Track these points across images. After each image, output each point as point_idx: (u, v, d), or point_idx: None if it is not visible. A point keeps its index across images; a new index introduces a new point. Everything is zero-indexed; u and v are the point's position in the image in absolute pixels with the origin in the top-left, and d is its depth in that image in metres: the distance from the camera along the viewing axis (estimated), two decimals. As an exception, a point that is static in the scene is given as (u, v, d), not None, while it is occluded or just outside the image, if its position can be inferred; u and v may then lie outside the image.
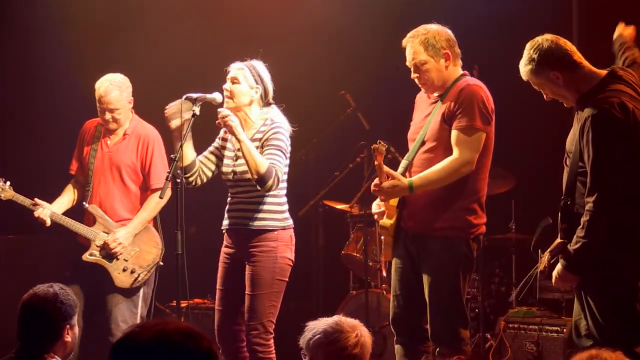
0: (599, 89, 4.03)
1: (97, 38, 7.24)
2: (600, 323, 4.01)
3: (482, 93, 4.58)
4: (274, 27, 7.32)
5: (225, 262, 4.98)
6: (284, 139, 4.85)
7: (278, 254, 4.85)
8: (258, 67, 4.94)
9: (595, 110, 3.93)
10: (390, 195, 4.65)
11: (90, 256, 5.51)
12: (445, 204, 4.57)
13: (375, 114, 7.12)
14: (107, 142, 5.62)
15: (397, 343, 4.80)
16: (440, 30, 4.65)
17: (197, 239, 6.77)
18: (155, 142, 5.62)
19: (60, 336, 3.63)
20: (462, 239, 4.58)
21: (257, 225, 4.85)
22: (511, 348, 6.20)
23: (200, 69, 6.81)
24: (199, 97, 4.82)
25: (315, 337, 3.24)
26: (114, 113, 5.51)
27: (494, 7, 6.90)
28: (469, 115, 4.51)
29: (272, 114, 4.94)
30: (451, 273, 4.58)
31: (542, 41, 4.12)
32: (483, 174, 4.65)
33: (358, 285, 6.99)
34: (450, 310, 4.59)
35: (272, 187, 4.73)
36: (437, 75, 4.62)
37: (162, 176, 5.45)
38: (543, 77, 4.13)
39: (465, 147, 4.50)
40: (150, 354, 2.01)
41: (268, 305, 4.84)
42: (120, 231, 5.50)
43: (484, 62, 6.06)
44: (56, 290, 3.68)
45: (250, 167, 4.70)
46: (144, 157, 5.58)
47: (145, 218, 5.56)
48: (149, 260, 5.56)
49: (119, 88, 5.49)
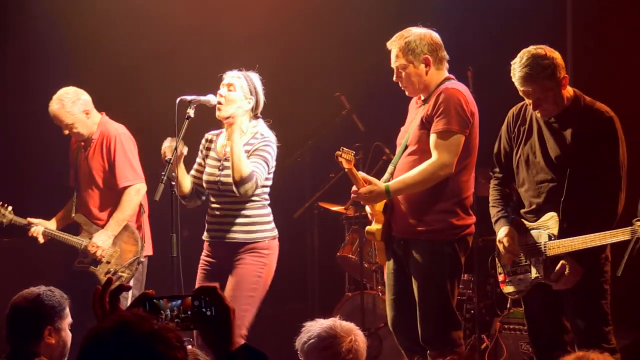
0: (581, 100, 4.34)
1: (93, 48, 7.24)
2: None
3: (460, 97, 4.58)
4: (269, 27, 7.31)
5: (205, 269, 4.99)
6: (272, 152, 4.92)
7: (266, 262, 4.91)
8: (254, 79, 4.98)
9: (609, 114, 4.26)
10: (368, 200, 4.69)
11: (78, 264, 5.66)
12: (427, 208, 4.61)
13: (370, 115, 7.12)
14: (83, 152, 5.74)
15: (400, 346, 4.84)
16: (424, 34, 4.64)
17: (190, 241, 6.76)
18: (117, 140, 5.65)
19: (41, 338, 3.56)
20: (445, 241, 4.61)
21: (246, 238, 4.90)
22: (507, 349, 6.19)
23: (194, 71, 6.81)
24: (193, 99, 4.85)
25: (310, 341, 3.26)
26: (70, 127, 5.62)
27: (489, 8, 6.91)
28: (446, 119, 4.53)
29: (261, 127, 4.98)
30: (437, 276, 4.61)
31: (547, 50, 4.29)
32: (466, 176, 4.66)
33: (354, 287, 6.98)
34: (438, 312, 4.62)
35: (248, 192, 4.78)
36: (417, 80, 4.64)
37: (129, 174, 5.59)
38: (555, 82, 4.25)
39: (443, 150, 4.52)
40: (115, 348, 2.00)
41: (244, 307, 4.83)
42: (97, 235, 5.61)
43: (479, 64, 6.07)
44: (40, 291, 3.63)
45: (234, 166, 4.74)
46: (109, 157, 5.65)
47: (121, 218, 5.62)
48: (129, 258, 5.64)
49: (62, 104, 5.56)
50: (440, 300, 4.61)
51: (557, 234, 4.30)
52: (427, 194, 4.58)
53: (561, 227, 4.30)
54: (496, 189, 4.66)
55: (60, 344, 3.64)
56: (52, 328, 3.61)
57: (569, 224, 4.29)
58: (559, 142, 4.32)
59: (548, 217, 4.36)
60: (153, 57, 7.22)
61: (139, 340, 1.99)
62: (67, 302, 3.72)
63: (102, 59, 7.18)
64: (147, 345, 1.98)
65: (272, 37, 7.16)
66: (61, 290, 3.82)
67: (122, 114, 5.96)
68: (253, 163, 4.82)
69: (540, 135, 4.39)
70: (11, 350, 3.59)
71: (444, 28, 4.77)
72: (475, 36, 6.87)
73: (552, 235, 4.32)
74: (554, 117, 4.35)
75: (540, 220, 4.40)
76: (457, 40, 4.76)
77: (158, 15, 7.27)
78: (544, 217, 4.38)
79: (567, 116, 4.33)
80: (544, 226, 4.37)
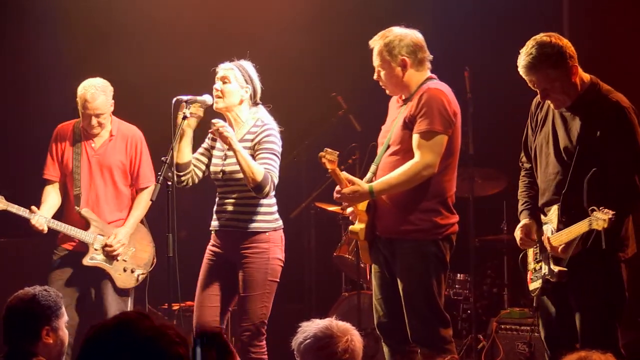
0: (597, 89, 4.17)
1: (86, 43, 7.22)
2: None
3: (442, 97, 4.60)
4: (264, 27, 7.31)
5: (210, 259, 4.98)
6: (276, 140, 4.89)
7: (270, 255, 4.88)
8: (247, 67, 4.98)
9: (625, 103, 4.10)
10: (352, 200, 4.71)
11: (90, 260, 5.51)
12: (411, 207, 4.62)
13: (366, 115, 7.11)
14: (92, 145, 5.62)
15: (385, 345, 4.87)
16: (404, 35, 4.66)
17: (188, 242, 6.75)
18: (143, 142, 5.68)
19: (39, 338, 3.57)
20: (430, 240, 4.63)
21: (249, 227, 4.87)
22: (503, 349, 6.20)
23: (187, 70, 6.80)
24: (189, 99, 4.85)
25: (306, 341, 3.26)
26: (100, 118, 5.52)
27: (485, 7, 6.91)
28: (429, 119, 4.54)
29: (262, 114, 4.97)
30: (422, 275, 4.62)
31: (554, 37, 4.15)
32: (449, 175, 4.68)
33: (350, 286, 6.99)
34: (425, 311, 4.63)
35: (268, 194, 4.80)
36: (395, 81, 4.68)
37: (150, 175, 5.58)
38: (560, 71, 4.12)
39: (426, 150, 4.54)
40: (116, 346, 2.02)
41: (260, 306, 4.87)
42: (120, 232, 5.53)
43: (476, 64, 6.07)
44: (36, 291, 3.63)
45: (246, 175, 4.73)
46: (133, 157, 5.62)
47: (139, 217, 5.63)
48: (146, 259, 5.64)
49: (104, 93, 5.50)
50: (428, 299, 4.63)
51: (556, 229, 4.22)
52: (411, 193, 4.60)
53: (559, 221, 4.20)
54: (523, 180, 4.55)
55: (58, 343, 3.66)
56: (49, 328, 3.62)
57: (568, 218, 4.18)
58: (568, 133, 4.20)
59: (552, 211, 4.26)
60: (151, 57, 7.21)
61: (140, 337, 2.01)
62: (63, 301, 3.73)
63: (101, 58, 7.18)
64: (148, 342, 2.01)
65: (269, 36, 7.16)
66: (64, 289, 3.82)
67: (117, 113, 5.93)
68: (264, 161, 4.80)
69: (553, 126, 4.27)
70: (9, 350, 3.59)
71: (442, 28, 4.77)
72: (473, 36, 6.86)
73: (553, 230, 4.23)
74: (568, 108, 4.21)
75: (548, 214, 4.31)
76: (453, 39, 4.75)
77: (156, 15, 7.27)
78: (550, 210, 4.29)
79: (580, 106, 4.17)
80: (550, 220, 4.28)
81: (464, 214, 6.30)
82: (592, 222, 3.92)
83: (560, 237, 4.18)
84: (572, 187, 4.17)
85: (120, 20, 7.30)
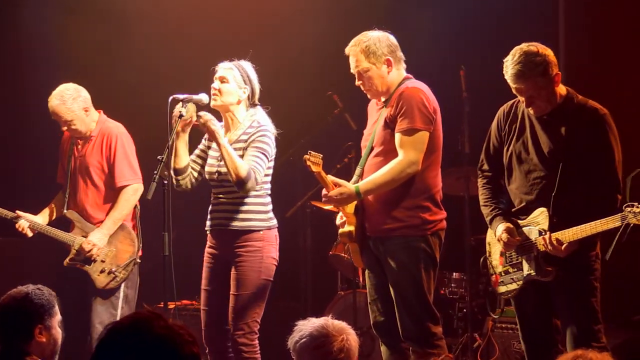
0: (574, 97, 4.36)
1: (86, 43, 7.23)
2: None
3: (421, 95, 4.66)
4: (260, 26, 7.31)
5: (209, 262, 5.00)
6: (269, 142, 4.90)
7: (264, 254, 4.89)
8: (247, 68, 4.98)
9: (603, 111, 4.29)
10: (339, 202, 4.72)
11: (70, 261, 5.59)
12: (398, 205, 4.66)
13: (362, 114, 7.08)
14: (78, 148, 5.69)
15: (382, 344, 4.89)
16: (381, 37, 4.74)
17: (184, 240, 6.75)
18: (118, 139, 5.63)
19: (32, 336, 3.56)
20: (419, 236, 4.66)
21: (242, 226, 4.88)
22: (499, 348, 6.21)
23: (184, 69, 6.80)
24: (185, 98, 4.84)
25: (302, 340, 3.26)
26: (69, 124, 5.57)
27: (481, 7, 6.91)
28: (409, 118, 4.60)
29: (259, 116, 4.97)
30: (412, 271, 4.65)
31: (540, 47, 4.28)
32: (433, 171, 4.73)
33: (346, 285, 7.00)
34: (416, 307, 4.66)
35: (250, 190, 4.79)
36: (381, 82, 4.72)
37: (127, 173, 5.56)
38: (547, 79, 4.25)
39: (409, 148, 4.59)
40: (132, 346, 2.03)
41: (253, 305, 4.88)
42: (93, 234, 5.55)
43: (472, 62, 6.08)
44: (29, 290, 3.62)
45: (229, 170, 4.74)
46: (108, 155, 5.62)
47: (117, 217, 5.58)
48: (126, 259, 5.60)
49: (63, 101, 5.52)
50: (418, 296, 4.65)
51: (548, 229, 4.30)
52: (398, 191, 4.64)
53: (551, 222, 4.30)
54: (486, 187, 4.66)
55: (51, 342, 3.63)
56: (42, 327, 3.60)
57: (559, 218, 4.29)
58: (552, 138, 4.33)
59: (538, 213, 4.37)
60: (148, 56, 7.21)
61: (154, 337, 2.03)
62: (56, 300, 3.72)
63: (99, 57, 7.17)
64: (163, 341, 2.03)
65: (265, 36, 7.16)
66: (50, 288, 3.81)
67: (115, 112, 5.93)
68: (251, 158, 4.81)
69: (533, 132, 4.40)
70: (2, 349, 3.58)
71: (438, 28, 4.78)
72: (468, 36, 6.87)
73: (543, 230, 4.32)
74: (547, 114, 4.36)
75: (530, 216, 4.41)
76: (449, 40, 4.76)
77: (155, 14, 7.27)
78: (534, 213, 4.39)
79: (560, 113, 4.33)
80: (534, 222, 4.39)
81: (460, 212, 6.32)
82: (629, 217, 4.05)
83: (568, 234, 4.24)
84: (561, 189, 4.29)
85: (120, 20, 7.30)
